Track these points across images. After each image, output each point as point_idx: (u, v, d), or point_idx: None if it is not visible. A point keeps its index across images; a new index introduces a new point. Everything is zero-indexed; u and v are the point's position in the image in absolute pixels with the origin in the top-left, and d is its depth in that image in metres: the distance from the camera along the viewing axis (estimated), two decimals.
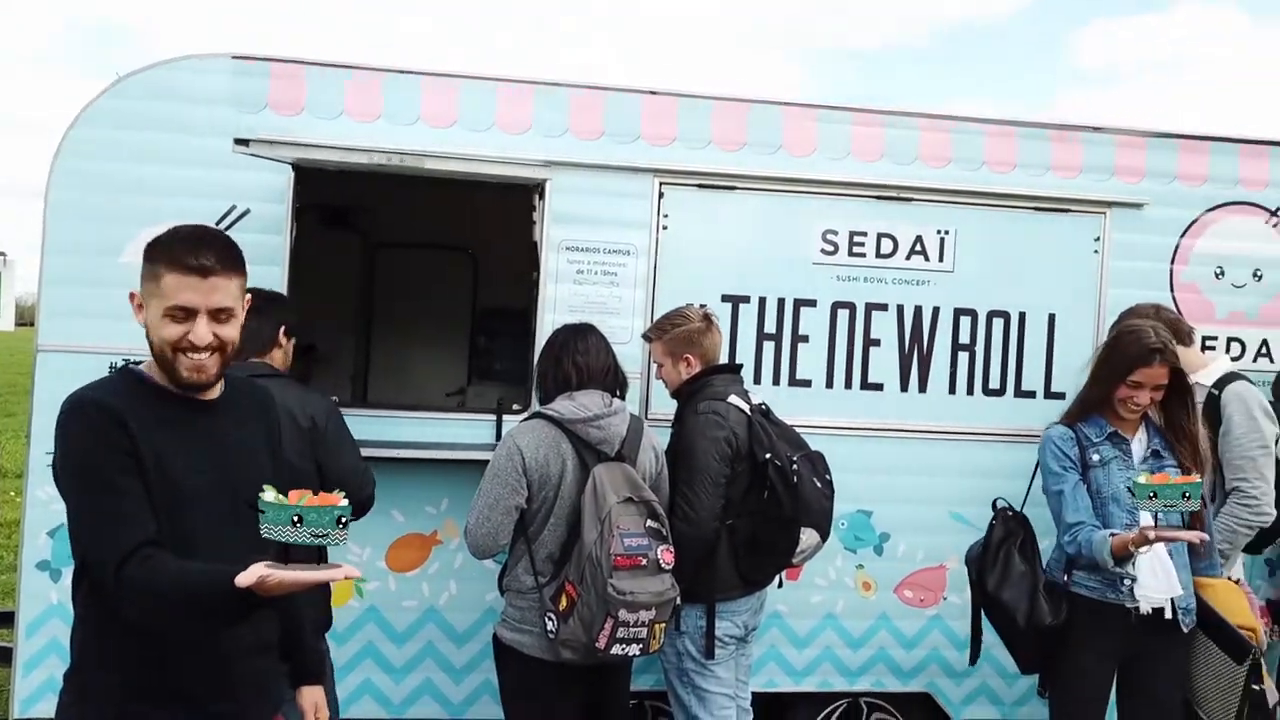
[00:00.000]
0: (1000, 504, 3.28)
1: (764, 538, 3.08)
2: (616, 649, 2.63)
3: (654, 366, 3.34)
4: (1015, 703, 3.87)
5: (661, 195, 3.63)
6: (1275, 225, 3.94)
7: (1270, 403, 3.58)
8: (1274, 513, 3.39)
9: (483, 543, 2.80)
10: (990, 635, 3.26)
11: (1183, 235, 3.90)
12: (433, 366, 5.97)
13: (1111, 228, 3.83)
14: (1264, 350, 4.00)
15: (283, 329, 3.05)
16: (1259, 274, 3.96)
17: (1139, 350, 2.96)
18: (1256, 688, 2.92)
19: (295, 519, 1.63)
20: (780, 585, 3.38)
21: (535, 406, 3.02)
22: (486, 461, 2.89)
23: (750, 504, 3.07)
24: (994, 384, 3.82)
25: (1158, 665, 3.03)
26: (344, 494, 1.71)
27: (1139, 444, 3.08)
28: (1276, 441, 3.47)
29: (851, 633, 3.79)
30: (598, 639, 2.62)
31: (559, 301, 3.57)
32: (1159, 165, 3.86)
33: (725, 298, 3.69)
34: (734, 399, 3.13)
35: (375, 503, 3.02)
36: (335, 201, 5.24)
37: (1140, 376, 2.96)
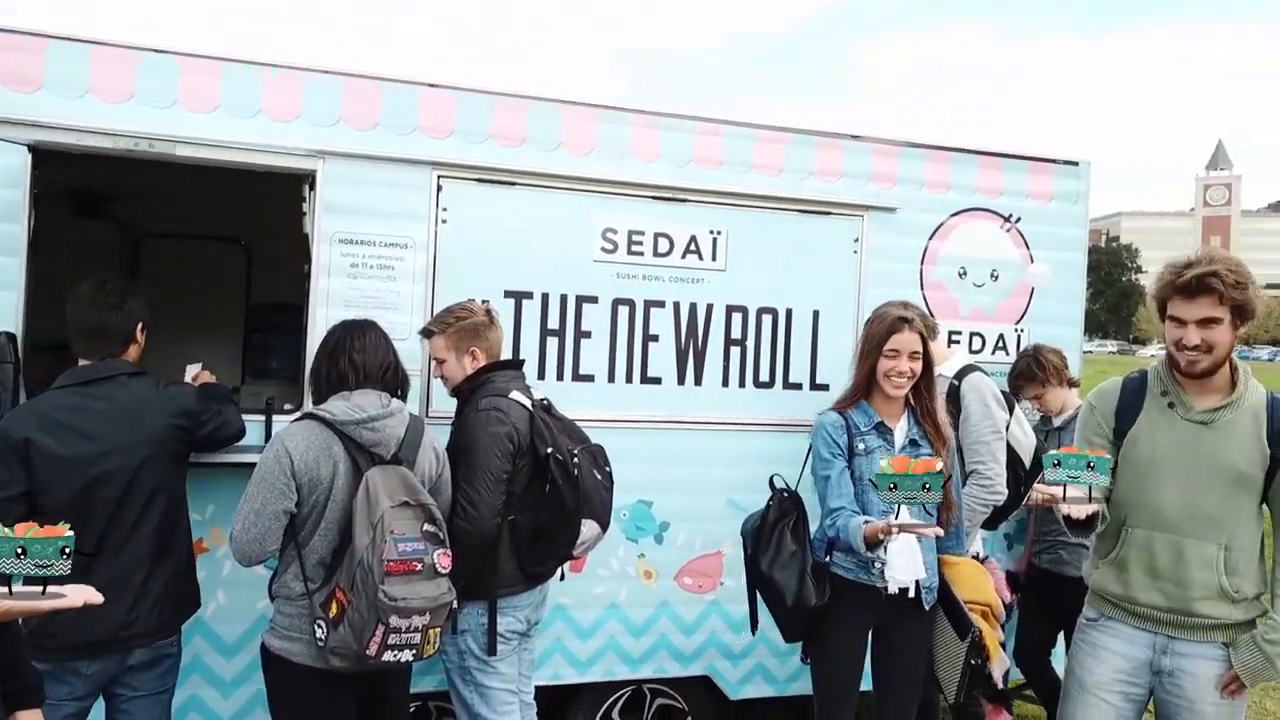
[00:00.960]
0: (778, 483, 3.42)
1: (546, 531, 3.10)
2: (388, 655, 2.57)
3: (433, 363, 3.30)
4: (788, 679, 4.08)
5: (440, 188, 3.58)
6: (1009, 230, 4.35)
7: (1003, 392, 3.96)
8: (1006, 491, 3.75)
9: (249, 549, 2.68)
10: (764, 617, 3.43)
11: (931, 238, 4.23)
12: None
13: (869, 230, 4.11)
14: (1000, 344, 4.41)
15: (140, 325, 2.97)
16: (996, 274, 4.36)
17: (890, 320, 3.19)
18: (974, 663, 3.21)
19: (19, 551, 1.65)
20: (563, 578, 3.42)
21: (308, 406, 2.92)
22: (254, 464, 2.76)
23: (532, 498, 3.09)
24: (764, 377, 4.01)
25: (904, 638, 3.28)
26: (68, 525, 1.73)
27: (900, 432, 3.30)
28: (1007, 427, 3.84)
29: (634, 621, 3.89)
30: (368, 646, 2.55)
31: (333, 296, 3.45)
32: (909, 173, 4.18)
33: (508, 293, 3.69)
34: (516, 395, 3.13)
35: None
36: (89, 187, 4.85)
37: (895, 344, 3.16)
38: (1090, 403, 2.98)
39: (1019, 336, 4.41)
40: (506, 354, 3.40)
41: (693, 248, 3.90)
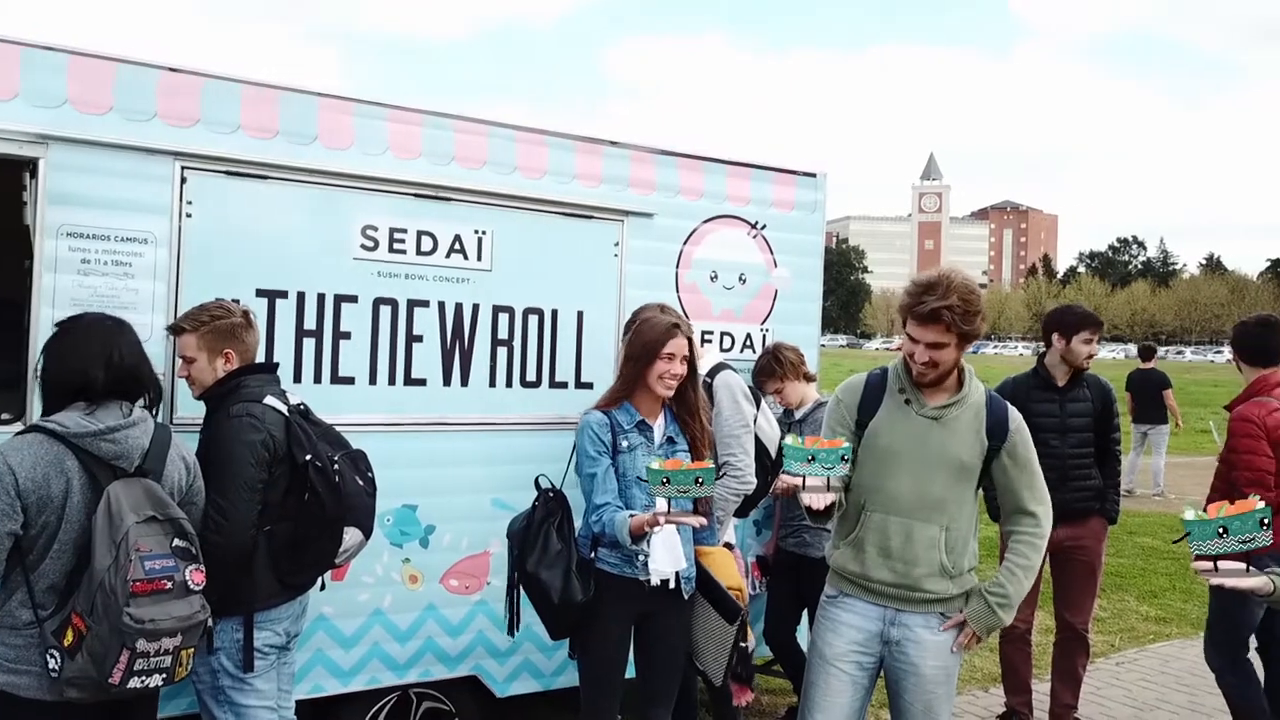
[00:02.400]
0: (544, 483, 3.47)
1: (306, 541, 3.00)
2: (135, 682, 2.39)
3: (179, 362, 3.10)
4: (554, 673, 4.16)
5: (184, 180, 3.36)
6: (755, 236, 4.64)
7: (749, 387, 4.23)
8: (755, 481, 4.00)
9: None
10: (529, 614, 3.48)
11: (685, 243, 4.44)
12: None
13: (628, 234, 4.25)
14: (748, 343, 4.70)
15: None
16: (744, 278, 4.63)
17: (663, 328, 3.33)
18: (743, 644, 3.42)
19: None
20: (323, 587, 3.32)
21: (34, 417, 2.65)
22: None
23: (290, 507, 2.98)
24: (531, 376, 4.06)
25: (666, 628, 3.43)
26: None
27: (659, 430, 3.44)
28: (754, 421, 4.11)
29: (399, 626, 3.82)
30: (111, 674, 2.36)
31: (60, 294, 3.16)
32: (665, 179, 4.36)
33: (260, 292, 3.52)
34: (271, 400, 3.00)
35: None
36: None
37: (672, 348, 3.32)
38: (838, 396, 3.24)
39: (764, 336, 4.71)
40: (260, 357, 3.25)
41: (457, 247, 3.88)
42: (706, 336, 4.51)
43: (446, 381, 3.88)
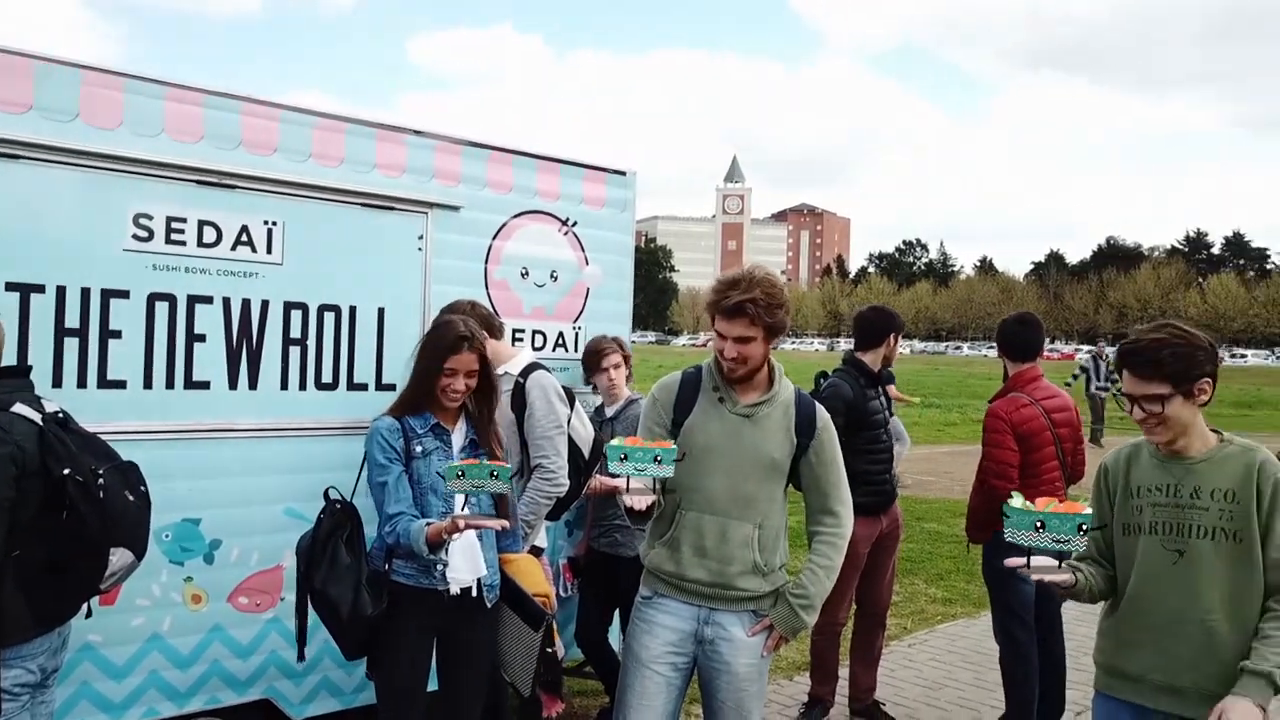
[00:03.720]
0: (332, 494, 3.29)
1: (64, 565, 2.68)
2: None
3: None
4: (355, 690, 3.93)
5: None
6: (566, 233, 4.57)
7: (564, 387, 4.15)
8: (568, 483, 3.93)
9: None
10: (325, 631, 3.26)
11: (494, 237, 4.31)
12: None
13: (433, 227, 4.07)
14: (560, 341, 4.62)
15: None
16: (555, 275, 4.55)
17: (451, 339, 3.20)
18: (550, 650, 3.34)
19: None
20: (89, 615, 2.98)
21: None
22: None
23: (46, 528, 2.65)
24: (327, 378, 3.82)
25: (470, 639, 3.30)
26: None
27: (459, 434, 3.31)
28: (568, 421, 4.03)
29: (181, 651, 3.50)
30: None
31: None
32: (473, 172, 4.21)
33: (10, 286, 3.13)
34: (21, 408, 2.66)
35: None
36: None
37: (453, 364, 3.19)
38: (654, 395, 3.21)
39: (577, 334, 4.65)
40: (10, 359, 2.88)
41: (244, 239, 3.59)
42: (518, 335, 4.40)
43: (233, 385, 3.59)
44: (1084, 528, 2.41)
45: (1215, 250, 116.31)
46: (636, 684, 3.06)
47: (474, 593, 3.20)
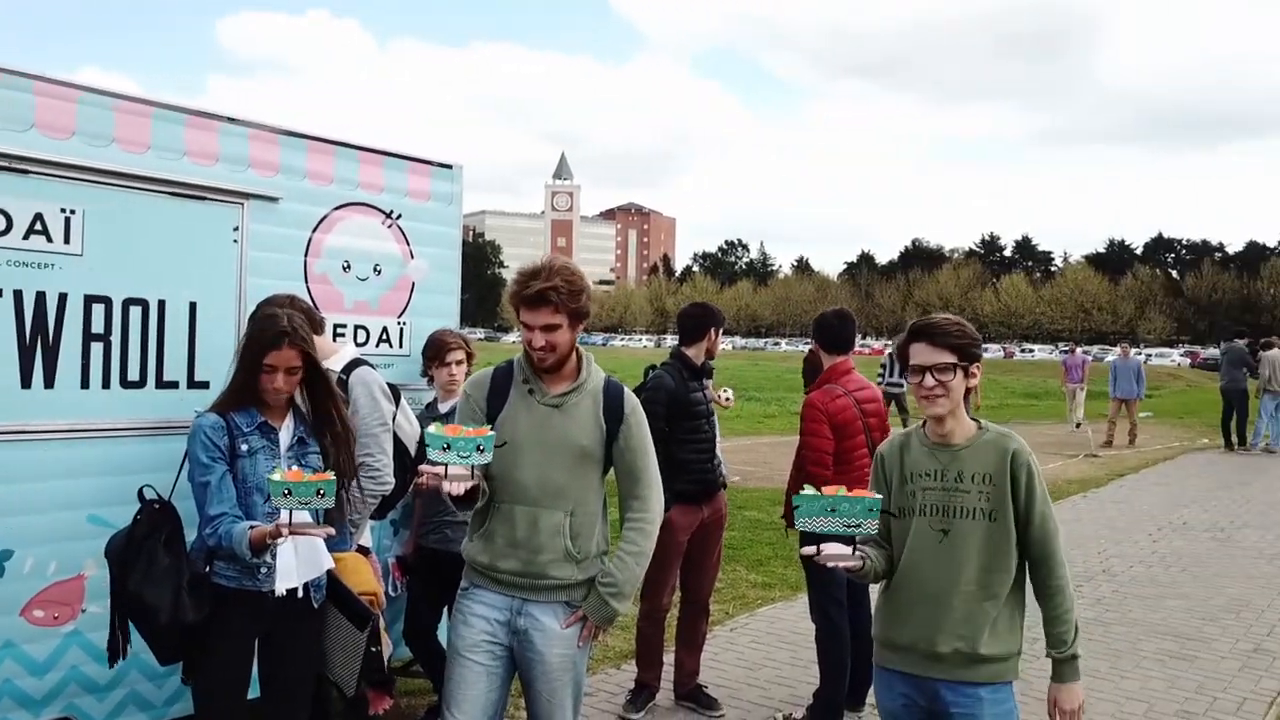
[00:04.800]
0: (148, 494, 3.15)
1: None
2: None
3: None
4: (167, 702, 3.75)
5: None
6: (390, 226, 4.50)
7: (390, 384, 4.08)
8: (393, 482, 3.88)
9: None
10: (136, 640, 3.10)
11: (315, 230, 4.19)
12: None
13: (250, 219, 3.92)
14: (385, 336, 4.54)
15: None
16: (379, 269, 4.47)
17: (271, 335, 3.10)
18: (374, 649, 3.29)
19: None
20: None
21: None
22: None
23: None
24: (133, 375, 3.62)
25: (293, 641, 3.22)
26: None
27: (286, 432, 3.21)
28: (393, 418, 3.97)
29: None
30: None
31: None
32: (291, 162, 4.08)
33: None
34: None
35: None
36: None
37: (273, 360, 3.09)
38: (466, 391, 3.21)
39: (402, 330, 4.58)
40: None
41: (38, 227, 3.35)
42: (340, 331, 4.30)
43: (26, 383, 3.35)
44: (873, 510, 2.60)
45: (1007, 253, 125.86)
46: (456, 674, 3.07)
47: (300, 594, 3.13)
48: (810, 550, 2.70)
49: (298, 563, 3.08)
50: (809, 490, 2.63)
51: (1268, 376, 16.34)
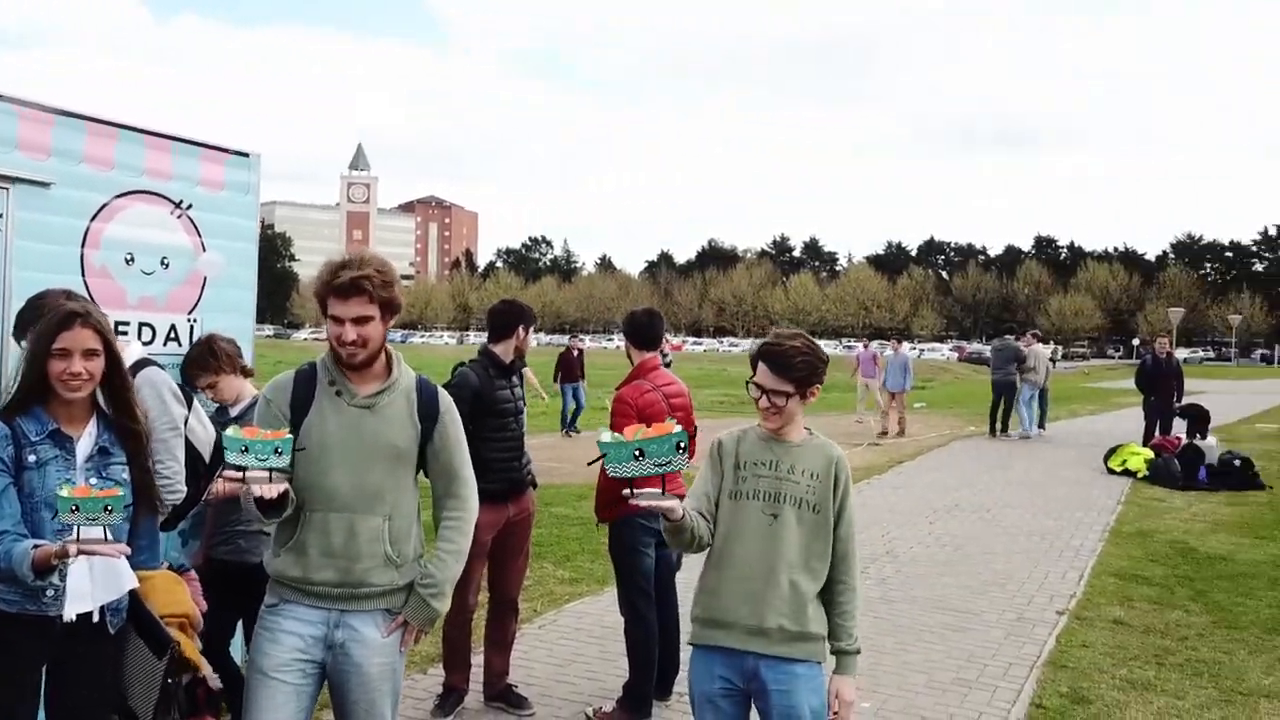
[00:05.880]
0: None
1: None
2: None
3: None
4: None
5: None
6: (180, 216, 4.22)
7: (180, 386, 3.84)
8: (185, 490, 3.64)
9: None
10: None
11: (93, 219, 3.88)
12: None
13: (15, 205, 3.58)
14: (173, 334, 4.26)
15: None
16: (166, 262, 4.19)
17: (60, 314, 2.80)
18: (171, 681, 3.06)
19: None
20: None
21: None
22: None
23: None
24: None
25: (87, 671, 2.94)
26: None
27: (87, 440, 2.89)
28: (185, 422, 3.73)
29: None
30: None
31: None
32: (67, 145, 3.76)
33: None
34: None
35: None
36: None
37: (65, 342, 2.77)
38: (266, 396, 3.06)
39: (192, 326, 4.31)
40: None
41: None
42: (122, 329, 3.99)
43: None
44: (681, 445, 2.63)
45: (796, 253, 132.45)
46: (263, 696, 2.92)
47: (95, 618, 2.86)
48: (625, 492, 2.71)
49: (93, 584, 2.81)
50: (609, 436, 2.64)
51: (1031, 367, 18.19)
